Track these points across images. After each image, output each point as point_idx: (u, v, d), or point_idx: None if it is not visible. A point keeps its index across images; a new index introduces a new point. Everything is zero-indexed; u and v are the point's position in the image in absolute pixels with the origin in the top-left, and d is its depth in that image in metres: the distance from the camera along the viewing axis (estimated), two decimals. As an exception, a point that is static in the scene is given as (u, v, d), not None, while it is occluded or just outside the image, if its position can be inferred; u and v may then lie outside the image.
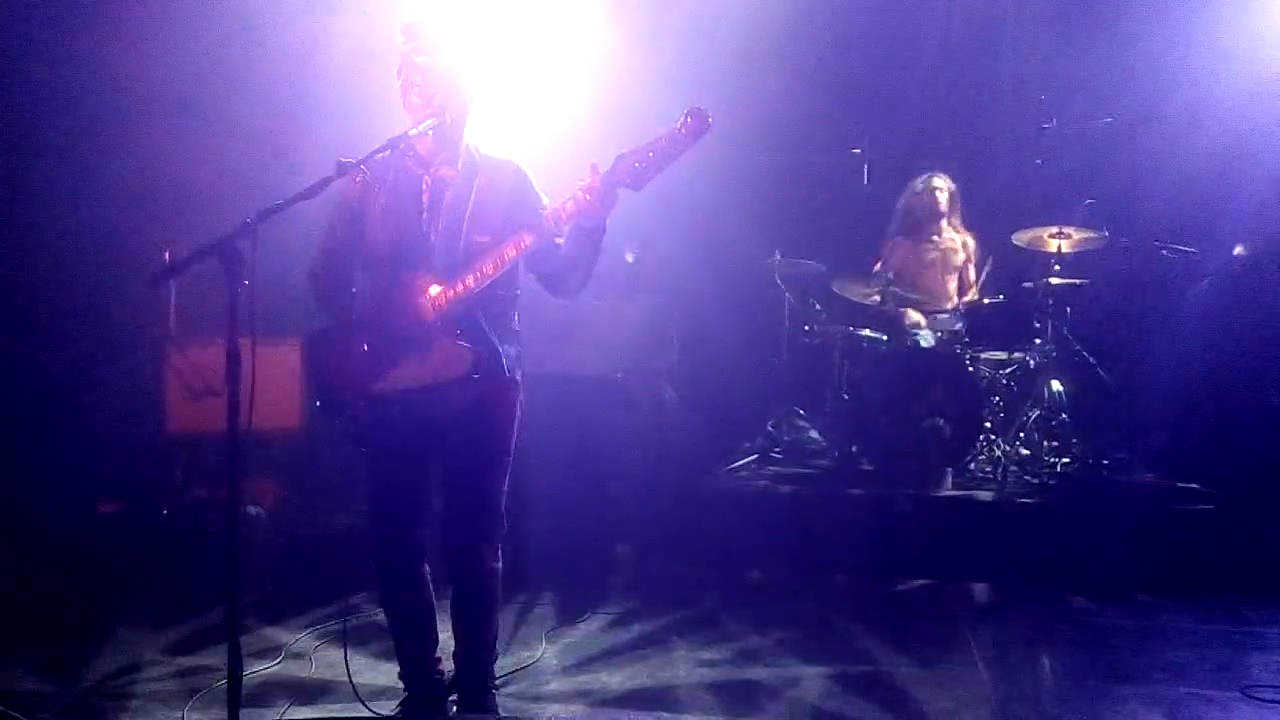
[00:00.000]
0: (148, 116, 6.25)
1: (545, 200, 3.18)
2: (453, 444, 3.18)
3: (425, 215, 3.13)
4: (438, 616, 3.38)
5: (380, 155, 2.92)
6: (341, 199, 3.18)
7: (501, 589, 3.33)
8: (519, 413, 3.26)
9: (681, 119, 2.81)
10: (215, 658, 3.91)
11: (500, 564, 3.27)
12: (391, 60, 3.14)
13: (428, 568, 3.33)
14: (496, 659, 3.41)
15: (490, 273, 2.98)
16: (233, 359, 2.60)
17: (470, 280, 2.99)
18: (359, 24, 5.99)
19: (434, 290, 3.02)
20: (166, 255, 5.86)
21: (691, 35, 7.08)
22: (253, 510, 5.67)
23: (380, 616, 4.25)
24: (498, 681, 3.47)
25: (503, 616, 3.65)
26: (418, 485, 3.24)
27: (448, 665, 3.39)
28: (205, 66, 6.27)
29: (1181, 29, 6.80)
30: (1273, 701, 3.59)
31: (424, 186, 3.14)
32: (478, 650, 3.31)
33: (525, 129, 5.29)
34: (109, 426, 6.05)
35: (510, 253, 2.97)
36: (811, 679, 3.81)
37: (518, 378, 3.24)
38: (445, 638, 3.38)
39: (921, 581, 5.13)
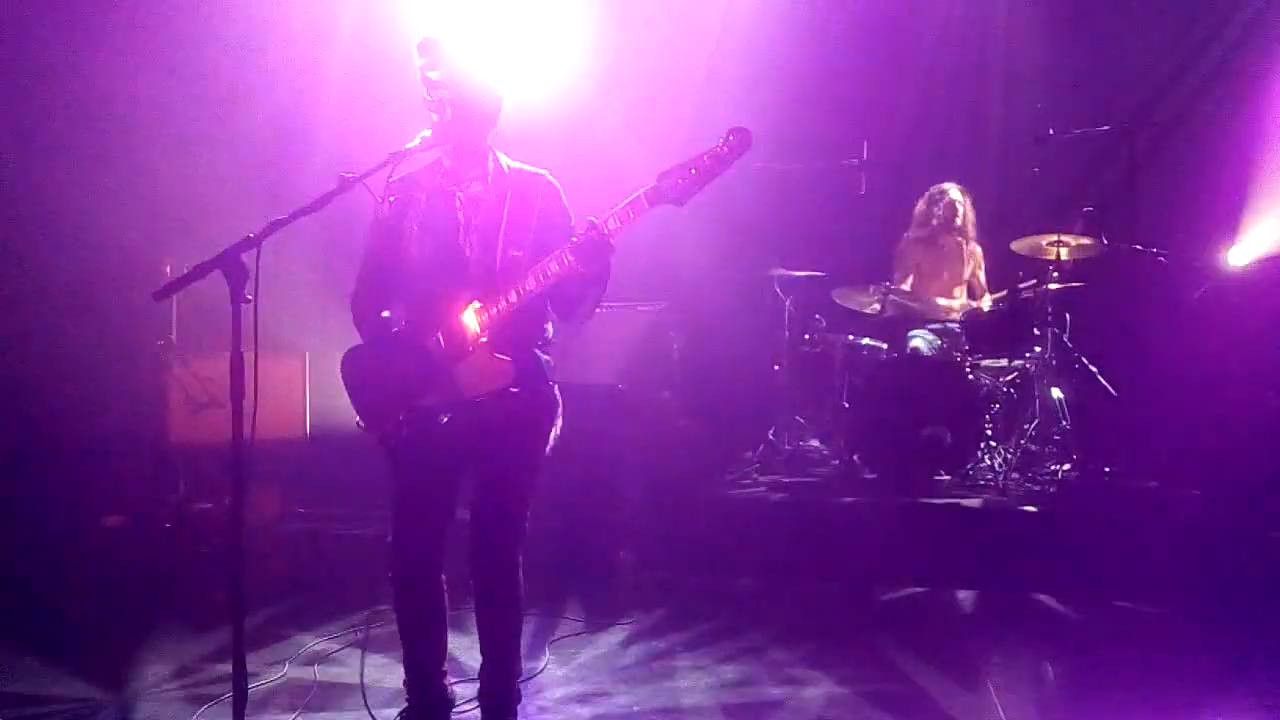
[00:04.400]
0: (152, 129, 6.29)
1: (572, 218, 3.22)
2: (488, 455, 3.19)
3: (460, 232, 3.15)
4: (453, 633, 3.39)
5: (381, 170, 2.96)
6: (374, 221, 3.22)
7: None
8: (554, 428, 3.27)
9: (725, 138, 2.91)
10: (221, 669, 3.93)
11: (522, 574, 3.27)
12: (394, 73, 3.17)
13: (444, 578, 3.33)
14: (522, 674, 3.39)
15: (533, 289, 3.02)
16: (236, 371, 2.62)
17: (513, 296, 3.03)
18: (364, 39, 6.04)
19: (475, 305, 3.06)
20: (168, 268, 5.90)
21: (694, 46, 7.13)
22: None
23: (384, 629, 4.28)
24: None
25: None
26: (445, 496, 3.25)
27: (457, 676, 3.41)
28: (210, 80, 6.31)
29: (1178, 34, 6.83)
30: (1278, 707, 3.59)
31: (457, 204, 3.17)
32: (503, 666, 3.30)
33: (536, 141, 5.34)
34: (112, 439, 6.06)
35: (554, 268, 2.99)
36: (816, 688, 3.81)
37: (555, 392, 3.27)
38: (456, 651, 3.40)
39: (924, 590, 5.13)
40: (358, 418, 3.23)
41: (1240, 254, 6.58)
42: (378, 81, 5.98)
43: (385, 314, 3.24)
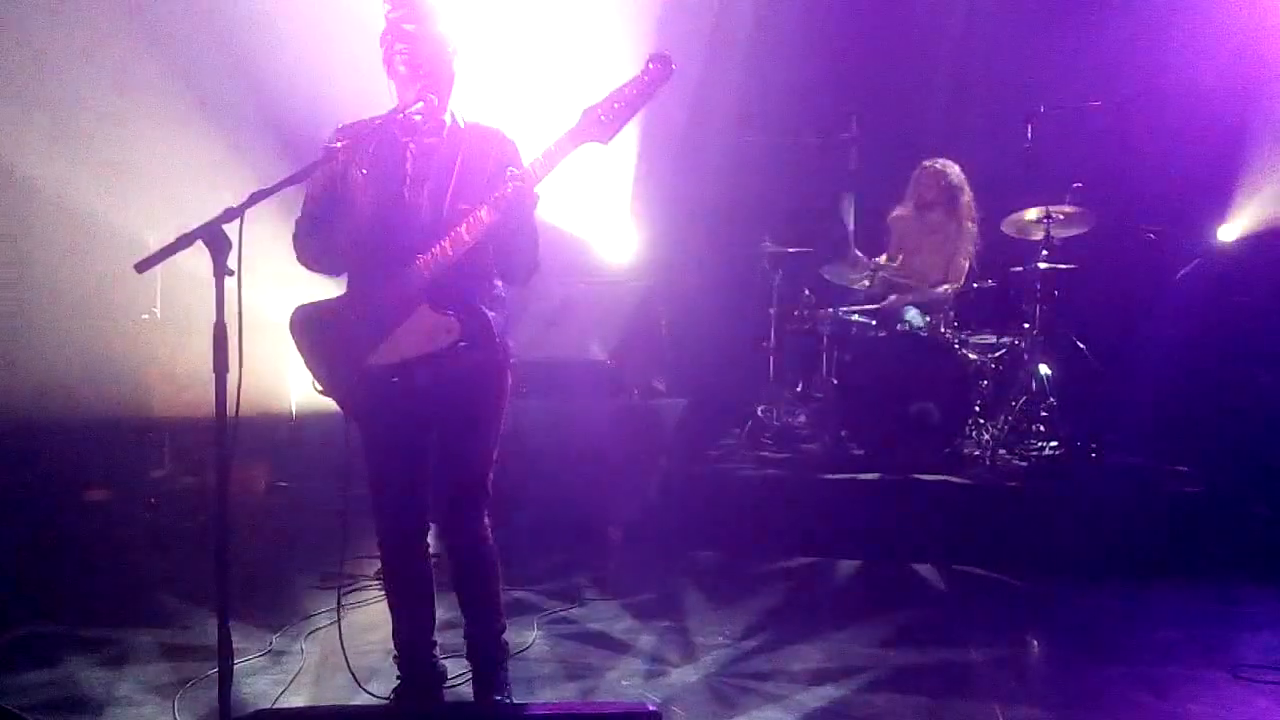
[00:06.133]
0: (133, 99, 6.21)
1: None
2: (445, 414, 3.15)
3: (409, 184, 3.07)
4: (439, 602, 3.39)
5: (365, 139, 2.93)
6: (320, 172, 3.10)
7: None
8: (509, 381, 3.25)
9: (645, 66, 2.86)
10: (205, 645, 3.89)
11: (490, 530, 3.25)
12: (375, 32, 3.12)
13: (430, 544, 3.31)
14: (505, 630, 3.39)
15: (467, 239, 2.94)
16: (220, 343, 2.58)
17: (448, 246, 2.95)
18: (348, 11, 5.95)
19: (419, 259, 2.98)
20: (151, 240, 5.84)
21: (682, 19, 7.07)
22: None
23: (369, 605, 4.26)
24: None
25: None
26: (416, 459, 3.21)
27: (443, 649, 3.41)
28: (195, 51, 6.23)
29: (1170, 10, 6.80)
30: (1260, 681, 3.61)
31: (407, 154, 3.09)
32: (484, 623, 3.31)
33: (510, 101, 5.29)
34: (94, 412, 6.01)
35: (485, 217, 2.91)
36: (803, 664, 3.81)
37: (508, 344, 3.23)
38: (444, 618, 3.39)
39: (911, 565, 5.13)
40: (316, 383, 3.17)
41: (1229, 230, 6.59)
42: (361, 53, 5.91)
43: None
